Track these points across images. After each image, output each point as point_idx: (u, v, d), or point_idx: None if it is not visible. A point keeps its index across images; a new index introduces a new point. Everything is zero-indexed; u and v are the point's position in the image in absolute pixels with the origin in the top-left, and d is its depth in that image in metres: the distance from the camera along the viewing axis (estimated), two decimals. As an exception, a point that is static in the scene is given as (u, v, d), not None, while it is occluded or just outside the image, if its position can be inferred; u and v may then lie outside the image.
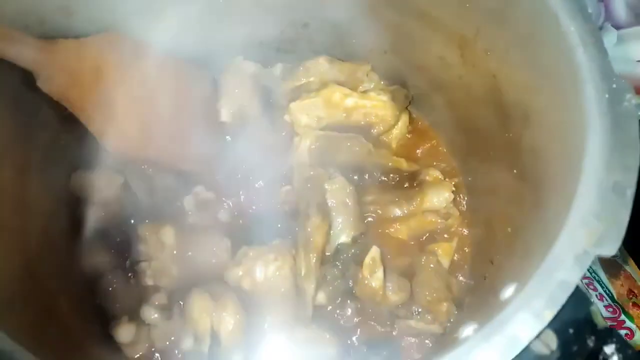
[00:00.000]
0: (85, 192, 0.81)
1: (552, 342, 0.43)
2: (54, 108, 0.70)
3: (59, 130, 0.75)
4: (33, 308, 0.57)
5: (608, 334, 0.44)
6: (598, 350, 0.43)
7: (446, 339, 0.72)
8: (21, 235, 0.62)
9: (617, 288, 1.05)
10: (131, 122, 0.77)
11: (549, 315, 0.42)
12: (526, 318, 0.41)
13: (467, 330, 0.47)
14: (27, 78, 0.66)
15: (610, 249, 0.44)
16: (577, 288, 0.45)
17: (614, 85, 0.52)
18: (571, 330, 0.44)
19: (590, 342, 0.44)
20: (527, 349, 0.42)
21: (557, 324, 0.43)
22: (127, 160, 0.81)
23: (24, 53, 0.63)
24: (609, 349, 0.43)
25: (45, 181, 0.73)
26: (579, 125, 0.53)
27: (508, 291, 0.48)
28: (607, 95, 0.52)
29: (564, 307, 0.43)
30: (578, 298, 0.44)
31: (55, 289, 0.67)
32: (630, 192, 0.47)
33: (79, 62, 0.70)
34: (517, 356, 0.41)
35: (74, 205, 0.80)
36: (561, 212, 0.49)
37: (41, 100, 0.68)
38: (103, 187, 0.81)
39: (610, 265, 1.07)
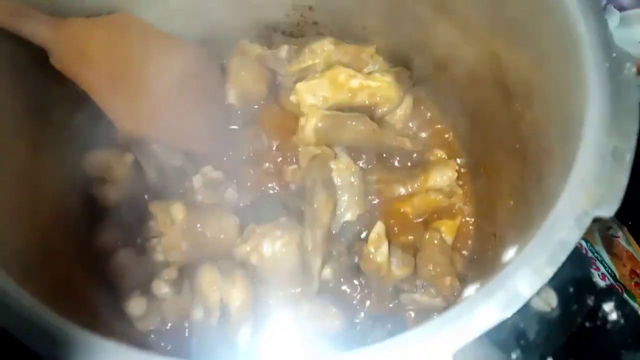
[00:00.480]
0: (97, 171, 0.83)
1: (552, 300, 0.44)
2: (67, 86, 0.71)
3: (71, 109, 0.77)
4: (49, 279, 0.58)
5: (607, 293, 0.46)
6: (597, 308, 0.45)
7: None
8: (36, 208, 0.64)
9: (619, 268, 1.07)
10: (141, 101, 0.79)
11: (549, 272, 0.43)
12: (527, 274, 0.43)
13: (470, 290, 0.48)
14: (40, 55, 0.67)
15: (609, 210, 0.45)
16: (577, 249, 0.46)
17: (614, 54, 0.53)
18: (571, 289, 0.45)
19: (590, 301, 0.45)
20: (528, 306, 0.44)
21: (558, 283, 0.45)
22: (137, 139, 0.83)
23: (37, 30, 0.65)
24: (608, 306, 0.45)
25: (58, 159, 0.75)
26: (579, 95, 0.54)
27: (509, 254, 0.49)
28: (607, 65, 0.53)
29: (564, 267, 0.45)
30: (578, 259, 0.46)
31: (70, 263, 0.69)
32: (629, 157, 0.48)
33: (91, 41, 0.71)
34: (518, 312, 0.43)
35: (86, 184, 0.81)
36: (561, 178, 0.50)
37: (54, 78, 0.69)
38: (114, 166, 0.83)
39: (613, 246, 1.08)
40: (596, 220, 0.46)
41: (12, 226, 0.56)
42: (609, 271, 1.03)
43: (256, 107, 0.96)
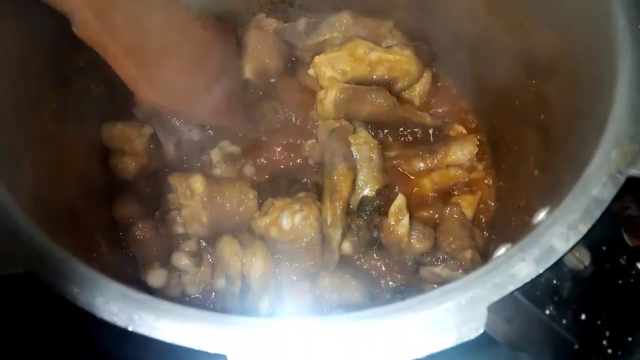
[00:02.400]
0: (115, 143, 0.83)
1: (585, 258, 0.44)
2: (87, 55, 0.71)
3: (91, 79, 0.77)
4: (76, 244, 0.58)
5: (640, 253, 0.45)
6: (630, 266, 0.44)
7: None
8: (62, 174, 0.65)
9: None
10: (161, 73, 0.78)
11: (583, 228, 0.43)
12: (561, 230, 0.42)
13: (501, 250, 0.48)
14: (64, 24, 0.67)
15: (644, 168, 0.45)
16: (610, 209, 0.45)
17: (647, 16, 0.52)
18: (604, 248, 0.45)
19: (622, 260, 0.45)
20: (562, 263, 0.43)
21: (591, 242, 0.44)
22: (156, 111, 0.83)
23: (61, -3, 0.65)
24: (641, 265, 0.44)
25: (79, 129, 0.75)
26: (610, 57, 0.53)
27: (541, 215, 0.49)
28: (639, 26, 0.52)
29: (597, 226, 0.44)
30: (611, 219, 0.45)
31: (94, 232, 0.69)
32: (663, 117, 0.47)
33: (113, 10, 0.71)
34: (552, 269, 0.43)
35: (105, 155, 0.81)
36: (592, 140, 0.50)
37: (77, 47, 0.69)
38: (132, 138, 0.83)
39: (632, 225, 1.07)
40: (634, 184, 0.46)
41: (45, 185, 0.57)
42: (626, 240, 1.03)
43: (273, 81, 0.95)
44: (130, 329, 0.38)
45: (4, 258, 0.41)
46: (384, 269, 0.82)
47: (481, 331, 0.39)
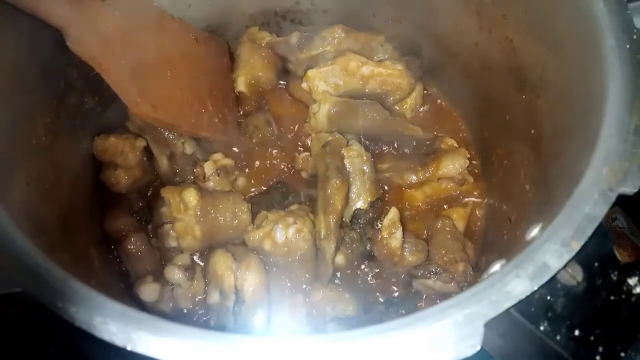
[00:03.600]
0: (108, 155, 0.83)
1: (578, 274, 0.45)
2: (81, 69, 0.71)
3: (84, 93, 0.76)
4: (70, 258, 0.58)
5: (631, 268, 0.46)
6: (622, 282, 0.45)
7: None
8: (55, 188, 0.64)
9: (624, 258, 1.07)
10: (154, 86, 0.78)
11: (576, 245, 0.43)
12: (555, 248, 0.43)
13: (495, 267, 0.49)
14: (58, 38, 0.67)
15: (633, 185, 0.46)
16: (602, 226, 0.46)
17: (635, 37, 0.53)
18: (596, 264, 0.46)
19: (614, 276, 0.46)
20: (555, 279, 0.44)
21: (583, 259, 0.45)
22: (149, 124, 0.83)
23: (54, 11, 0.65)
24: (632, 280, 0.45)
25: (72, 142, 0.75)
26: (599, 76, 0.54)
27: (534, 231, 0.50)
28: (627, 46, 0.53)
29: (589, 242, 0.45)
30: (603, 235, 0.46)
31: (88, 246, 0.69)
32: (651, 135, 0.49)
33: (107, 24, 0.71)
34: (546, 286, 0.43)
35: (98, 168, 0.81)
36: (583, 156, 0.51)
37: (70, 60, 0.69)
38: (125, 151, 0.83)
39: (619, 237, 1.09)
40: (621, 197, 0.47)
41: (37, 201, 0.56)
42: (617, 256, 1.04)
43: (266, 94, 0.96)
44: (128, 348, 0.38)
45: (3, 277, 0.41)
46: (377, 281, 0.83)
47: (478, 348, 0.39)
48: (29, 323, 0.42)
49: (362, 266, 0.83)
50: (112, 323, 0.39)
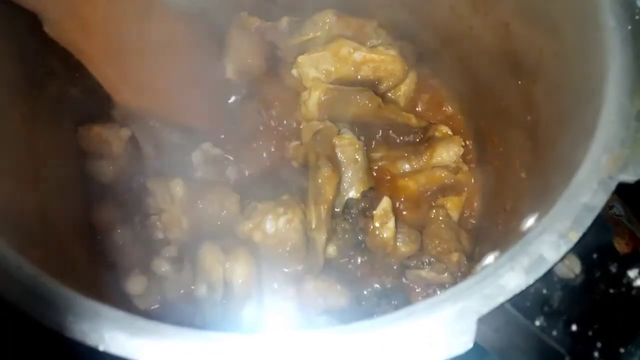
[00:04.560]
0: (92, 145, 0.80)
1: (576, 267, 0.43)
2: (61, 57, 0.68)
3: (66, 81, 0.74)
4: (50, 253, 0.56)
5: (631, 259, 0.44)
6: (621, 275, 0.43)
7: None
8: (35, 179, 0.62)
9: (622, 247, 1.06)
10: (138, 73, 0.76)
11: (574, 236, 0.42)
12: (552, 239, 0.41)
13: (489, 259, 0.47)
14: (33, 23, 0.64)
15: (635, 173, 0.44)
16: (600, 216, 0.44)
17: (637, 17, 0.51)
18: (595, 256, 0.44)
19: (613, 268, 0.44)
20: (552, 273, 0.42)
21: (581, 250, 0.43)
22: (134, 113, 0.80)
23: (29, -6, 0.62)
24: (632, 272, 0.43)
25: (54, 132, 0.72)
26: (598, 59, 0.52)
27: (529, 221, 0.48)
28: (629, 27, 0.51)
29: (587, 234, 0.43)
30: (601, 226, 0.44)
31: (70, 239, 0.67)
32: (653, 120, 0.46)
33: (87, 8, 0.68)
34: (542, 279, 0.41)
35: (83, 159, 0.79)
36: (581, 143, 0.48)
37: (48, 48, 0.66)
38: (110, 141, 0.80)
39: (616, 225, 1.07)
40: (618, 185, 0.45)
41: (14, 194, 0.54)
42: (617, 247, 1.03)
43: (255, 81, 0.93)
44: (100, 348, 0.36)
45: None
46: (369, 272, 0.81)
47: (471, 345, 0.38)
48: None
49: (354, 257, 0.81)
50: (83, 322, 0.36)
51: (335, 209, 0.82)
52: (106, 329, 0.36)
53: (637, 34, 0.50)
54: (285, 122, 0.90)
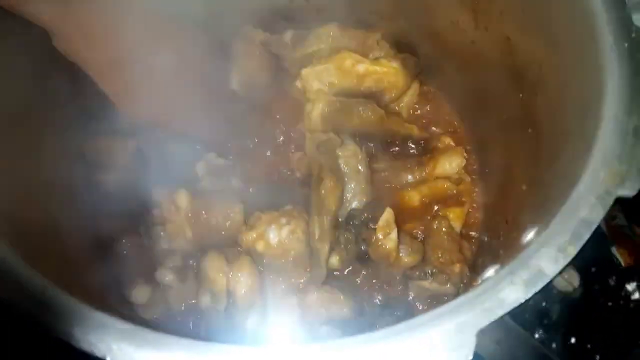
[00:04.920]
0: (99, 157, 0.82)
1: (575, 280, 0.44)
2: (70, 70, 0.70)
3: (74, 94, 0.75)
4: (58, 263, 0.57)
5: (629, 273, 0.45)
6: (620, 288, 0.44)
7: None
8: (45, 191, 0.63)
9: (624, 257, 1.06)
10: (144, 86, 0.77)
11: (572, 250, 0.42)
12: (550, 253, 0.42)
13: (489, 272, 0.47)
14: (44, 39, 0.66)
15: (632, 188, 0.45)
16: (599, 229, 0.45)
17: (634, 35, 0.52)
18: (593, 269, 0.44)
19: (612, 281, 0.45)
20: (551, 286, 0.43)
21: (580, 263, 0.44)
22: (140, 124, 0.81)
23: (42, 10, 0.63)
24: (630, 286, 0.44)
25: (62, 143, 0.73)
26: (597, 75, 0.53)
27: (529, 235, 0.49)
28: (626, 45, 0.52)
29: (586, 247, 0.44)
30: (600, 239, 0.45)
31: (78, 249, 0.68)
32: (650, 136, 0.47)
33: (95, 24, 0.70)
34: (541, 292, 0.42)
35: (90, 169, 0.80)
36: (580, 158, 0.49)
37: (58, 61, 0.68)
38: (116, 152, 0.82)
39: (619, 235, 1.08)
40: (619, 200, 0.46)
41: (24, 205, 0.55)
42: (615, 259, 1.03)
43: (260, 93, 0.94)
44: (108, 359, 0.36)
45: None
46: (372, 282, 0.82)
47: (470, 357, 0.38)
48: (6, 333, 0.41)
49: (357, 267, 0.82)
50: (92, 333, 0.37)
51: (339, 220, 0.82)
52: (114, 341, 0.37)
53: (634, 52, 0.51)
54: (289, 133, 0.92)
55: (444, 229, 0.82)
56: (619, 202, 0.46)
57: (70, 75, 0.73)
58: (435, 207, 0.87)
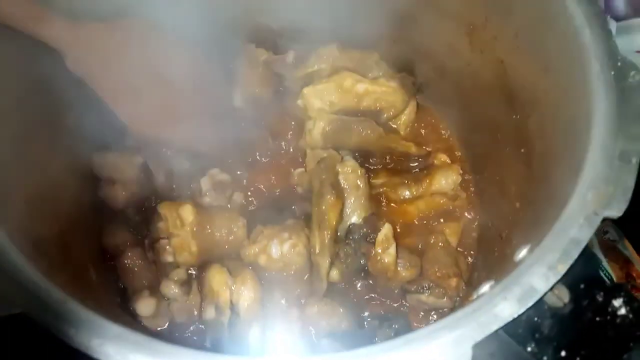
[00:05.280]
0: (105, 172, 0.84)
1: (565, 296, 0.46)
2: (80, 88, 0.72)
3: (83, 111, 0.77)
4: (69, 276, 0.59)
5: (616, 290, 0.47)
6: (607, 304, 0.47)
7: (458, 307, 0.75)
8: (54, 206, 0.65)
9: (616, 271, 1.09)
10: (151, 104, 0.80)
11: (562, 268, 0.45)
12: (541, 270, 0.45)
13: (484, 288, 0.50)
14: (56, 59, 0.68)
15: (618, 210, 0.47)
16: (588, 248, 0.48)
17: (619, 64, 0.55)
18: (582, 286, 0.47)
19: (600, 297, 0.47)
20: (542, 301, 0.45)
21: (570, 280, 0.46)
22: (146, 141, 0.84)
23: (55, 33, 0.66)
24: (617, 302, 0.46)
25: (71, 159, 0.76)
26: (585, 101, 0.56)
27: (522, 252, 0.51)
28: (612, 72, 0.55)
29: (575, 264, 0.46)
30: (588, 257, 0.48)
31: (86, 262, 0.70)
32: (635, 160, 0.50)
33: (105, 45, 0.73)
34: (533, 307, 0.45)
35: (96, 184, 0.82)
36: (570, 179, 0.52)
37: (69, 80, 0.70)
38: (123, 168, 0.84)
39: (610, 250, 1.10)
40: (605, 220, 0.48)
41: (37, 217, 0.57)
42: (607, 274, 1.05)
43: (262, 110, 0.97)
44: (125, 370, 0.39)
45: (2, 299, 0.42)
46: (371, 296, 0.84)
47: (466, 370, 0.41)
48: (29, 345, 0.43)
49: (357, 281, 0.84)
50: (109, 345, 0.39)
51: (338, 234, 0.85)
52: (130, 352, 0.39)
53: (619, 80, 0.54)
54: (290, 149, 0.94)
55: (440, 244, 0.85)
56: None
57: (80, 93, 0.76)
58: (432, 222, 0.90)
